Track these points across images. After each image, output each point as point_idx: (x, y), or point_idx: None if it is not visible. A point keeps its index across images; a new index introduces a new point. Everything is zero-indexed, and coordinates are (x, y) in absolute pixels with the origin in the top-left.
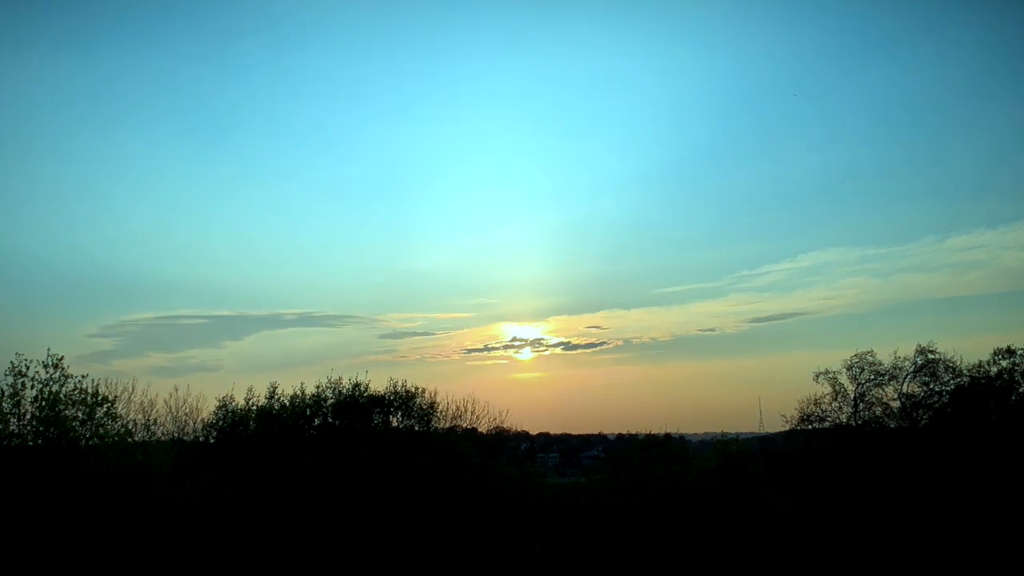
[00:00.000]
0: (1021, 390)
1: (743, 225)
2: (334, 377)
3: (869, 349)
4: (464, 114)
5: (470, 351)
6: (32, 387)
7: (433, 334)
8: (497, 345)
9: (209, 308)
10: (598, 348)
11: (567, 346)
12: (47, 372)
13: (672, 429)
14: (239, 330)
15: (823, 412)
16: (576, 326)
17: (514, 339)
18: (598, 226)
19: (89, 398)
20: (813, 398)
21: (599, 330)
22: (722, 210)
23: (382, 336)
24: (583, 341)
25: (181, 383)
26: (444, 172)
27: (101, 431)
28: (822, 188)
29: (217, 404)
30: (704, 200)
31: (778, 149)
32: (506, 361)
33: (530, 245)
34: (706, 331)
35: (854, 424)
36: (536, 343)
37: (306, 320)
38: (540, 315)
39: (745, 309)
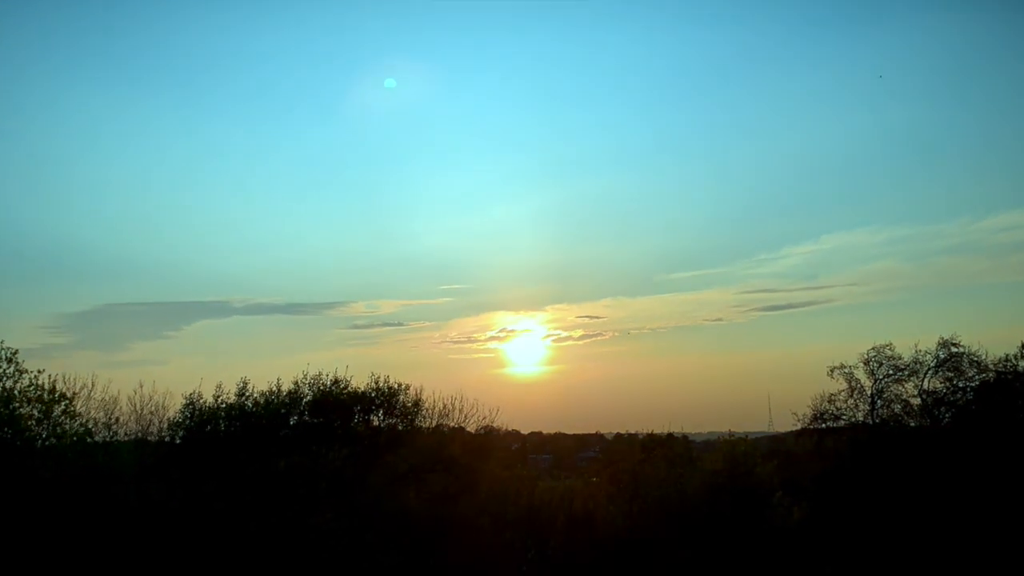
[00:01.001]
0: None
1: (761, 204)
2: (312, 372)
3: (888, 341)
4: (450, 82)
5: (458, 342)
6: None
7: (418, 324)
8: (488, 336)
9: (161, 294)
10: (596, 339)
11: (564, 338)
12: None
13: (675, 428)
14: (196, 316)
15: (837, 410)
16: (575, 316)
17: (506, 330)
18: (600, 205)
19: (46, 395)
20: (827, 395)
21: (598, 320)
22: (738, 187)
23: (361, 326)
24: (582, 332)
25: (132, 376)
26: (429, 146)
27: (59, 431)
28: (848, 162)
29: (184, 401)
30: (718, 176)
31: (800, 119)
32: (496, 354)
33: (525, 227)
34: (713, 321)
35: (871, 423)
36: (530, 334)
37: (277, 308)
38: (536, 303)
39: (761, 297)
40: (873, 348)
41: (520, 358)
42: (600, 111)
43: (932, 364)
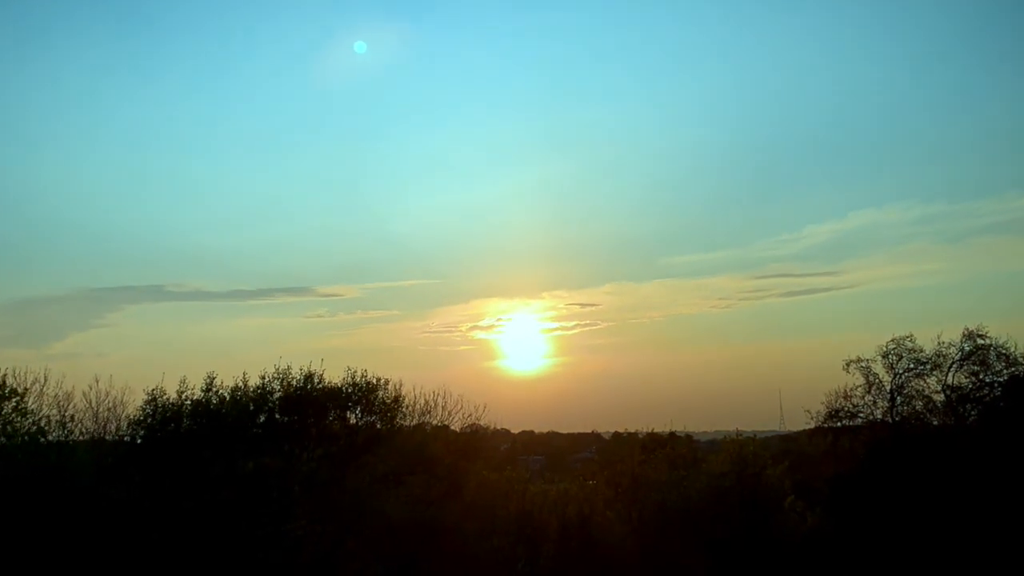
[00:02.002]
0: None
1: (781, 176)
2: (282, 365)
3: (908, 333)
4: (426, 44)
5: (442, 332)
6: None
7: (396, 312)
8: (474, 326)
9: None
10: (593, 329)
11: (558, 328)
12: None
13: (678, 427)
14: (133, 301)
15: (854, 407)
16: (570, 303)
17: (495, 319)
18: (599, 180)
19: None
20: (843, 390)
21: (595, 308)
22: (756, 158)
23: (336, 312)
24: (578, 322)
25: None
26: (405, 116)
27: (9, 429)
28: (879, 131)
29: (145, 398)
30: (733, 146)
31: (823, 82)
32: (484, 346)
33: (515, 205)
34: (723, 309)
35: (890, 421)
36: (521, 324)
37: (238, 294)
38: (528, 290)
39: (777, 283)
40: (892, 340)
41: (509, 350)
42: (600, 75)
43: (956, 357)
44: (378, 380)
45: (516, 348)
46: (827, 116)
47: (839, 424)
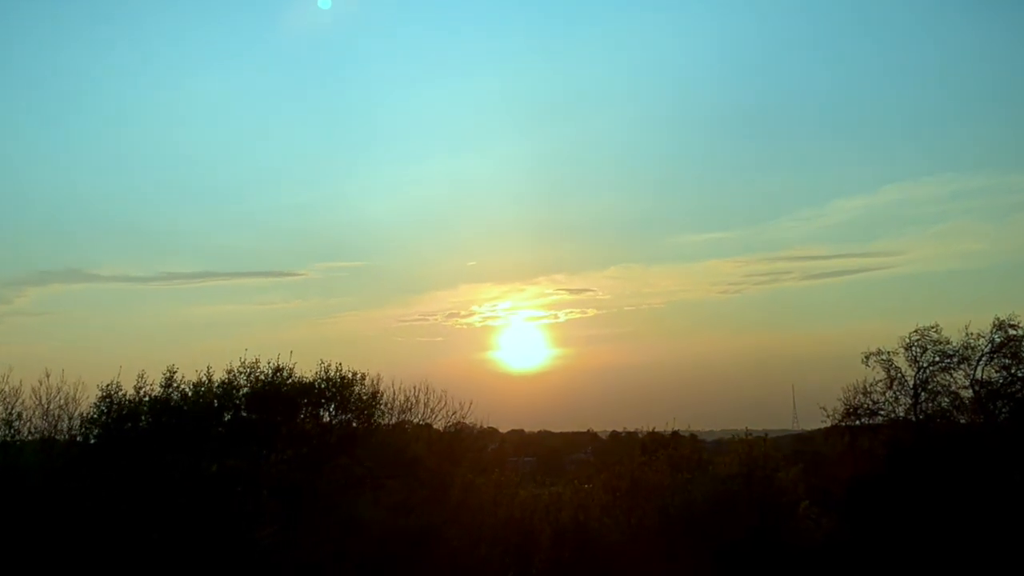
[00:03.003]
0: None
1: (805, 145)
2: (249, 358)
3: (934, 323)
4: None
5: (425, 321)
6: None
7: (374, 298)
8: (455, 315)
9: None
10: (588, 318)
11: (550, 317)
12: None
13: (682, 425)
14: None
15: (874, 404)
16: (564, 289)
17: (482, 307)
18: (596, 151)
19: None
20: (862, 386)
21: (591, 295)
22: (775, 123)
23: (291, 300)
24: (576, 310)
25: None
26: (377, 77)
27: None
28: (915, 97)
29: (100, 394)
30: (749, 110)
31: (853, 39)
32: (470, 336)
33: (501, 180)
34: (734, 294)
35: (914, 419)
36: (511, 313)
37: (183, 276)
38: (519, 275)
39: (797, 266)
40: (916, 331)
41: (498, 341)
42: (599, 28)
43: (986, 350)
44: (354, 375)
45: (506, 339)
46: (856, 78)
47: (858, 423)
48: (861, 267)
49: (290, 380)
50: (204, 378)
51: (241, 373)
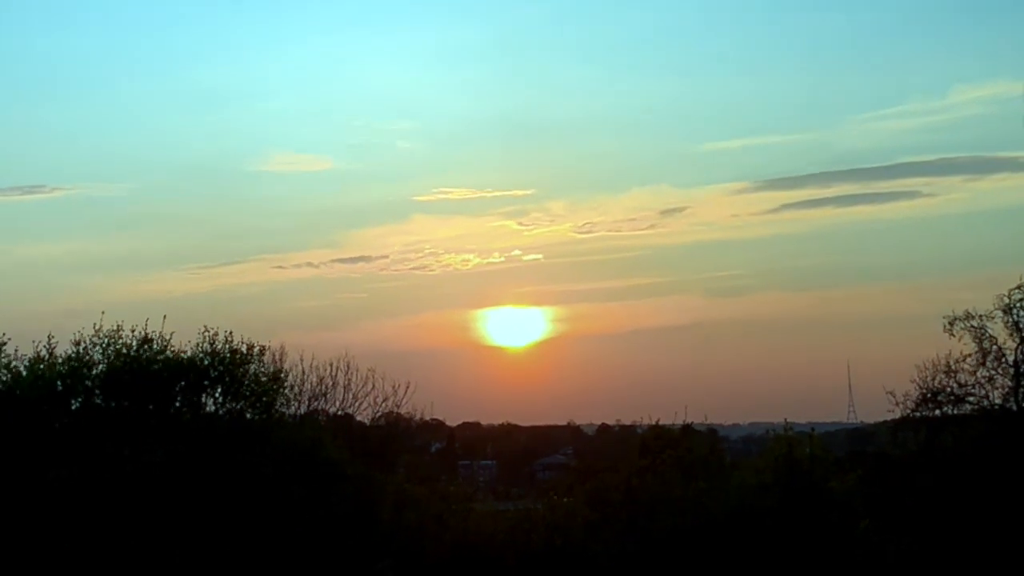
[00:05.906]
0: None
1: (859, 35)
2: (109, 326)
3: None
4: None
5: (341, 262)
6: None
7: (267, 236)
8: (382, 257)
9: None
10: (566, 264)
11: (514, 264)
12: None
13: (695, 417)
14: None
15: (961, 387)
16: (532, 224)
17: (424, 248)
18: (590, 25)
19: None
20: (945, 362)
21: (571, 232)
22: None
23: (176, 242)
24: (542, 255)
25: None
26: None
27: None
28: None
29: None
30: None
31: None
32: (406, 290)
33: (448, 65)
34: (757, 231)
35: (1014, 407)
36: (461, 256)
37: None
38: (473, 206)
39: (842, 190)
40: (1020, 286)
41: (444, 299)
42: None
43: None
44: (249, 348)
45: (454, 294)
46: None
47: (938, 412)
48: (923, 189)
49: (162, 356)
50: (44, 352)
51: (96, 345)
